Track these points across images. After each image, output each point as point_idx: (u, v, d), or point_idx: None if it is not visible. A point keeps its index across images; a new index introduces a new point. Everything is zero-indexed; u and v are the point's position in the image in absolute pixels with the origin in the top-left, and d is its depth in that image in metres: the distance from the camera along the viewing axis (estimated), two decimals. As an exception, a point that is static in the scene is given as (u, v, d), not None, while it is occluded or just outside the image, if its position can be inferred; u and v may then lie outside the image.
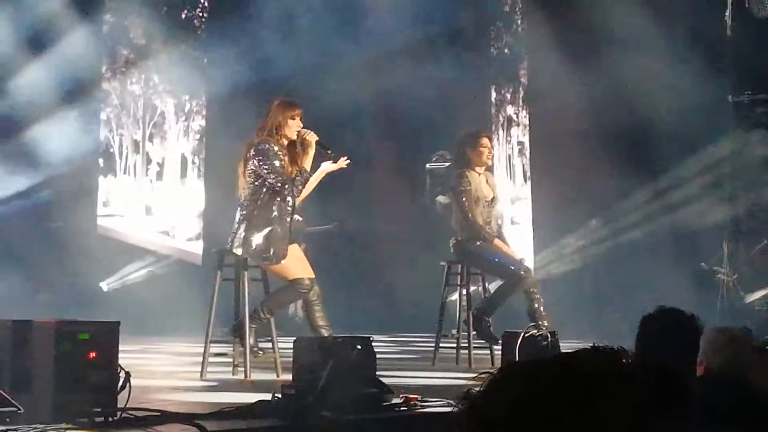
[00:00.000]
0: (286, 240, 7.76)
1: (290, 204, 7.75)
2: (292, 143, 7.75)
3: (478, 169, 9.03)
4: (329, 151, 7.92)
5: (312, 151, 7.75)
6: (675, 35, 13.05)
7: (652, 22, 13.11)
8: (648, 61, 12.89)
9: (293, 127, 7.71)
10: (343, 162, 7.98)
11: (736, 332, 4.41)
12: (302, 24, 13.55)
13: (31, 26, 12.67)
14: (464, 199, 8.94)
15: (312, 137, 7.74)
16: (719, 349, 4.25)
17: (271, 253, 7.69)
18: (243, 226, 7.71)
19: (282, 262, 7.74)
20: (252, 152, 7.69)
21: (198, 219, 14.45)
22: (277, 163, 7.64)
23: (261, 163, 7.65)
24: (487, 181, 9.12)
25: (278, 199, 7.71)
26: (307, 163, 7.75)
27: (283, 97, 8.02)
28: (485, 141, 9.11)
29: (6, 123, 12.73)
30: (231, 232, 7.77)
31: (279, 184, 7.66)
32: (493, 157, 9.59)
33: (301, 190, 7.78)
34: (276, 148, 7.65)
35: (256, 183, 7.70)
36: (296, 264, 7.84)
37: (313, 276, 7.90)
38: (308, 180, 7.79)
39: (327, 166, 7.97)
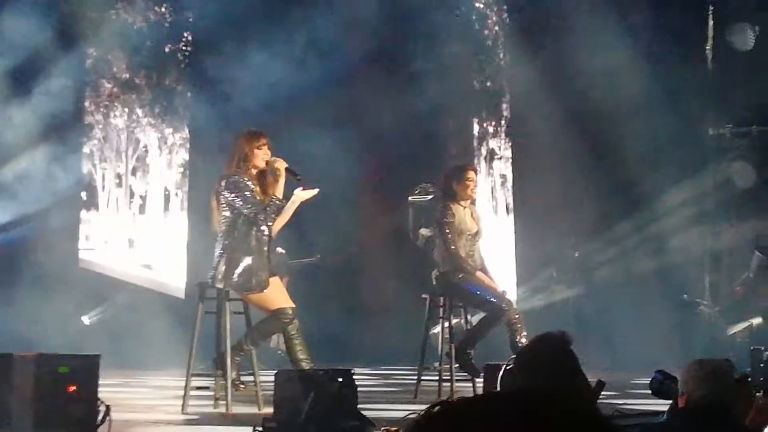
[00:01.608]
0: (267, 269, 7.77)
1: (266, 233, 7.78)
2: (261, 172, 7.79)
3: (462, 202, 9.05)
4: (298, 177, 7.94)
5: (282, 179, 7.79)
6: (657, 68, 13.12)
7: (634, 55, 13.20)
8: (630, 95, 12.96)
9: (260, 156, 7.77)
10: (314, 191, 7.95)
11: (717, 364, 4.41)
12: (285, 58, 13.58)
13: (13, 59, 12.67)
14: (448, 231, 8.95)
15: (281, 164, 7.79)
16: (701, 380, 4.23)
17: (253, 282, 7.71)
18: (223, 259, 7.72)
19: (264, 291, 7.74)
20: (223, 185, 7.74)
21: (181, 252, 14.42)
22: (248, 193, 7.69)
23: (234, 196, 7.69)
24: (471, 214, 9.14)
25: (254, 228, 7.73)
26: (279, 191, 7.80)
27: (249, 128, 8.04)
28: (471, 174, 9.14)
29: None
30: (212, 266, 7.78)
31: (253, 214, 7.69)
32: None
33: (275, 218, 7.80)
34: (246, 179, 7.70)
35: (231, 215, 7.73)
36: (277, 294, 7.86)
37: (294, 306, 7.90)
38: (281, 207, 7.81)
39: (300, 194, 7.94)
